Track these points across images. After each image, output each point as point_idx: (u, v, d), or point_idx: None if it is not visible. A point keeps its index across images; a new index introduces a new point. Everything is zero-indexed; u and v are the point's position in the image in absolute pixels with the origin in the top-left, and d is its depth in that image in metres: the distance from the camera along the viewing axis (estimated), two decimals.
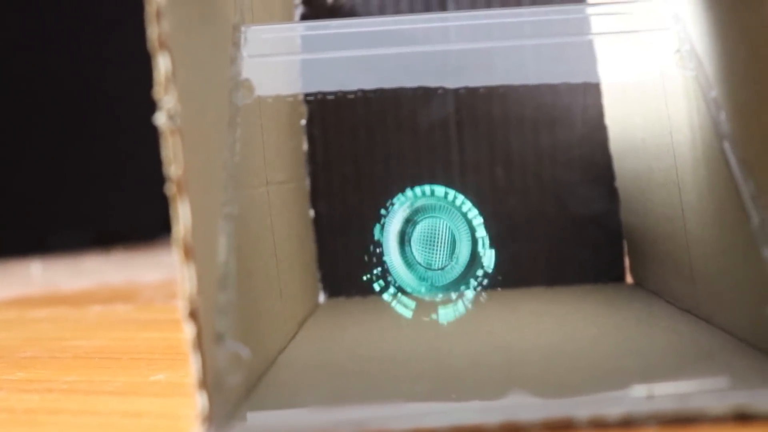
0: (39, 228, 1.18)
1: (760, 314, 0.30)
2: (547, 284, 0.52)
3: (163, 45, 0.25)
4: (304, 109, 0.51)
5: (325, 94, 0.50)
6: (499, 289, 0.49)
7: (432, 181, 0.42)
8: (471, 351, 0.36)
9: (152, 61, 0.26)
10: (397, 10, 0.52)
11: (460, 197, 0.42)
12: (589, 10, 0.42)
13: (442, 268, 0.41)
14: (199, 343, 0.26)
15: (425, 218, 0.41)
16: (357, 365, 0.35)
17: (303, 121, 0.52)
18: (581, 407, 0.26)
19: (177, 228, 0.26)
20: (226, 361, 0.27)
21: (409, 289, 0.41)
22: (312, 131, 0.52)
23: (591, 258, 0.52)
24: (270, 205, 0.40)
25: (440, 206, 0.42)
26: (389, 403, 0.29)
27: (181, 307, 0.26)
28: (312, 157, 0.52)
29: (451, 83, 0.51)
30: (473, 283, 0.41)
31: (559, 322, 0.42)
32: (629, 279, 0.52)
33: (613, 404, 0.26)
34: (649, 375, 0.31)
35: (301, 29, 0.42)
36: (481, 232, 0.41)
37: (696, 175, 0.37)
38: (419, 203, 0.42)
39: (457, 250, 0.41)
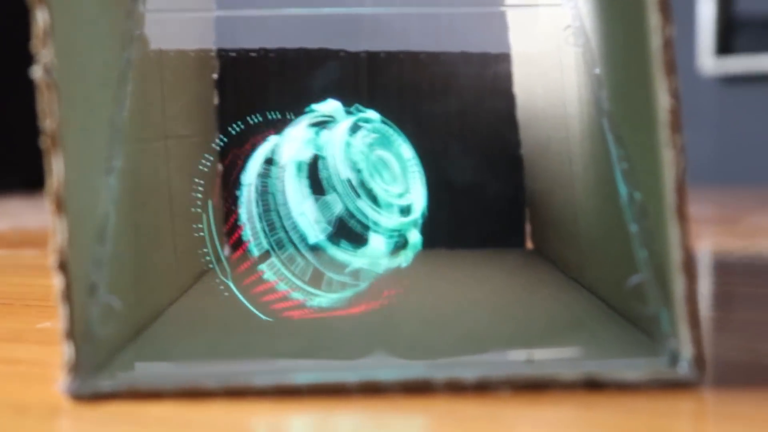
0: None
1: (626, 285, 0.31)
2: (448, 247, 0.53)
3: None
4: (215, 64, 0.52)
5: (228, 51, 0.51)
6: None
7: None
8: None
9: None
10: None
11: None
12: None
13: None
14: (68, 294, 0.26)
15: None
16: (238, 321, 0.36)
17: (214, 76, 0.52)
18: (440, 370, 0.27)
19: (50, 181, 0.26)
20: (99, 312, 0.28)
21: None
22: (223, 86, 0.52)
23: (493, 223, 0.53)
24: (168, 158, 0.40)
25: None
26: (257, 360, 0.30)
27: (52, 259, 0.26)
28: (222, 111, 0.52)
29: (363, 47, 0.51)
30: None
31: (450, 286, 0.43)
32: (530, 245, 0.53)
33: (469, 368, 0.27)
34: (514, 341, 0.32)
35: None
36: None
37: (582, 147, 0.38)
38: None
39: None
